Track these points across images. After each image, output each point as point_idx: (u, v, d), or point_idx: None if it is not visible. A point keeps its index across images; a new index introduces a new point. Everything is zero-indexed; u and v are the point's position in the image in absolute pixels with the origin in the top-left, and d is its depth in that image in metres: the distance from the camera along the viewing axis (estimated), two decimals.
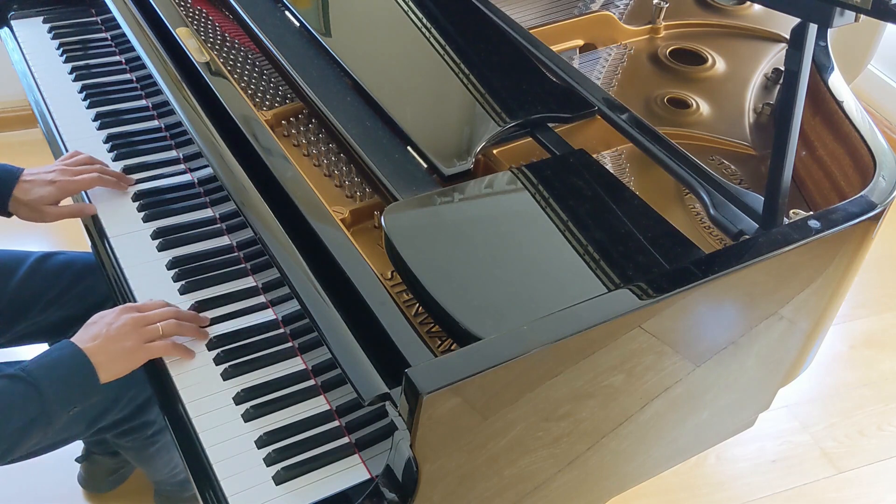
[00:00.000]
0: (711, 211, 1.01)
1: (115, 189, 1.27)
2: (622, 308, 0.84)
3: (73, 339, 1.02)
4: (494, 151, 1.10)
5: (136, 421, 1.25)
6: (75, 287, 1.33)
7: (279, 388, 1.02)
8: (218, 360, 1.05)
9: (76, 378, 0.99)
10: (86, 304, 1.33)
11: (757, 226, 0.98)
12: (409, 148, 1.08)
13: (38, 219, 1.25)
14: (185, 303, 1.12)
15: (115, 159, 1.33)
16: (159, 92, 1.24)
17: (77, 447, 1.66)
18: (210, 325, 1.09)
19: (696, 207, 1.09)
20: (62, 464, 1.66)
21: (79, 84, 1.47)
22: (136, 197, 1.27)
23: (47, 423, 0.97)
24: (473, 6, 1.31)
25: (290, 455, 0.96)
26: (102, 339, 1.01)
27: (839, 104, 1.19)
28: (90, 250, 1.25)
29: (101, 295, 1.33)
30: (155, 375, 1.06)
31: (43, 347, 1.45)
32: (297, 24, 1.29)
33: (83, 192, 1.27)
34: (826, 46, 1.28)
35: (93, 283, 1.33)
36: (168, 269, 1.17)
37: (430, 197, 0.98)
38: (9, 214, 1.25)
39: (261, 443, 0.97)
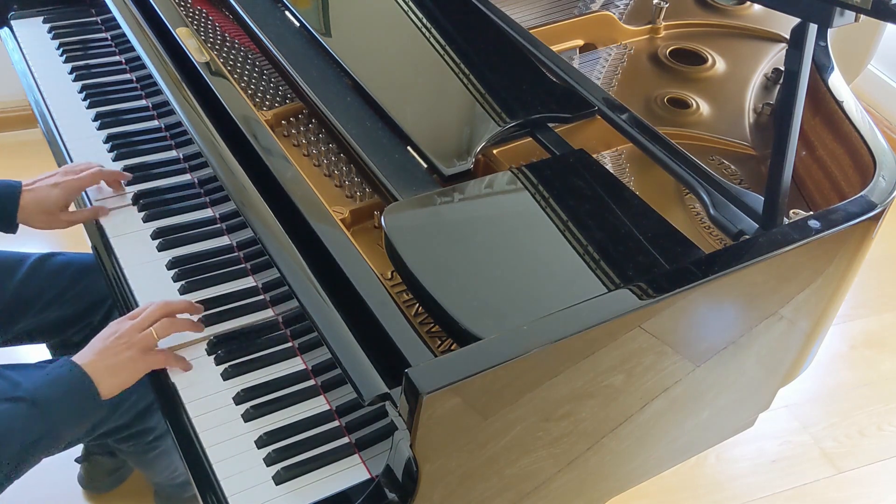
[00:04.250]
0: (711, 211, 1.01)
1: (114, 186, 1.27)
2: (622, 308, 0.84)
3: (73, 358, 1.02)
4: (494, 151, 1.10)
5: (136, 427, 1.25)
6: (74, 287, 1.33)
7: (279, 388, 1.02)
8: (218, 360, 1.05)
9: (77, 395, 0.99)
10: (85, 304, 1.34)
11: (757, 226, 0.98)
12: (408, 148, 1.08)
13: (53, 225, 1.23)
14: None
15: (116, 159, 1.33)
16: (159, 92, 1.24)
17: (77, 447, 1.66)
18: (211, 324, 1.09)
19: (696, 207, 1.09)
20: (62, 464, 1.66)
21: (79, 84, 1.47)
22: (136, 197, 1.27)
23: (55, 439, 0.97)
24: (473, 6, 1.31)
25: (290, 455, 0.96)
26: (99, 353, 1.01)
27: (839, 104, 1.19)
28: (90, 250, 1.25)
29: (101, 295, 1.33)
30: (155, 376, 1.05)
31: (42, 347, 1.46)
32: (297, 24, 1.29)
33: (84, 195, 1.27)
34: (826, 46, 1.28)
35: (92, 283, 1.33)
36: (168, 269, 1.17)
37: (430, 197, 0.98)
38: (15, 230, 1.24)
39: (261, 443, 0.97)
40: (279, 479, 0.94)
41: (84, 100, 1.44)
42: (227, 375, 1.04)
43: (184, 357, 1.05)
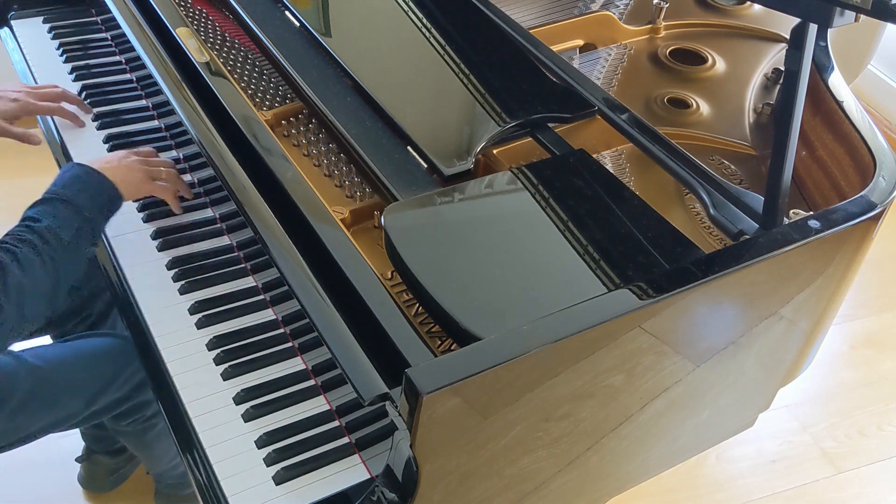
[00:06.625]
0: (711, 211, 1.01)
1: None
2: (622, 308, 0.84)
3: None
4: (494, 151, 1.10)
5: (134, 400, 1.25)
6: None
7: (279, 388, 1.02)
8: (218, 360, 1.05)
9: (96, 185, 1.10)
10: (84, 296, 1.34)
11: (757, 226, 0.98)
12: (409, 148, 1.08)
13: None
14: (184, 303, 1.12)
15: None
16: (159, 92, 1.24)
17: (77, 447, 1.66)
18: (211, 324, 1.09)
19: (696, 207, 1.09)
20: (62, 464, 1.66)
21: (79, 84, 1.47)
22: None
23: (92, 231, 1.07)
24: (473, 6, 1.31)
25: (290, 455, 0.96)
26: (112, 164, 1.13)
27: (839, 104, 1.19)
28: None
29: (99, 287, 1.33)
30: (155, 375, 1.06)
31: (42, 342, 1.45)
32: (297, 24, 1.29)
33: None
34: (826, 46, 1.28)
35: (90, 276, 1.32)
36: (168, 269, 1.16)
37: (430, 197, 0.98)
38: None
39: (261, 443, 0.97)
40: (279, 479, 0.94)
41: (84, 100, 1.44)
42: (227, 375, 1.04)
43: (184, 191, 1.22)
